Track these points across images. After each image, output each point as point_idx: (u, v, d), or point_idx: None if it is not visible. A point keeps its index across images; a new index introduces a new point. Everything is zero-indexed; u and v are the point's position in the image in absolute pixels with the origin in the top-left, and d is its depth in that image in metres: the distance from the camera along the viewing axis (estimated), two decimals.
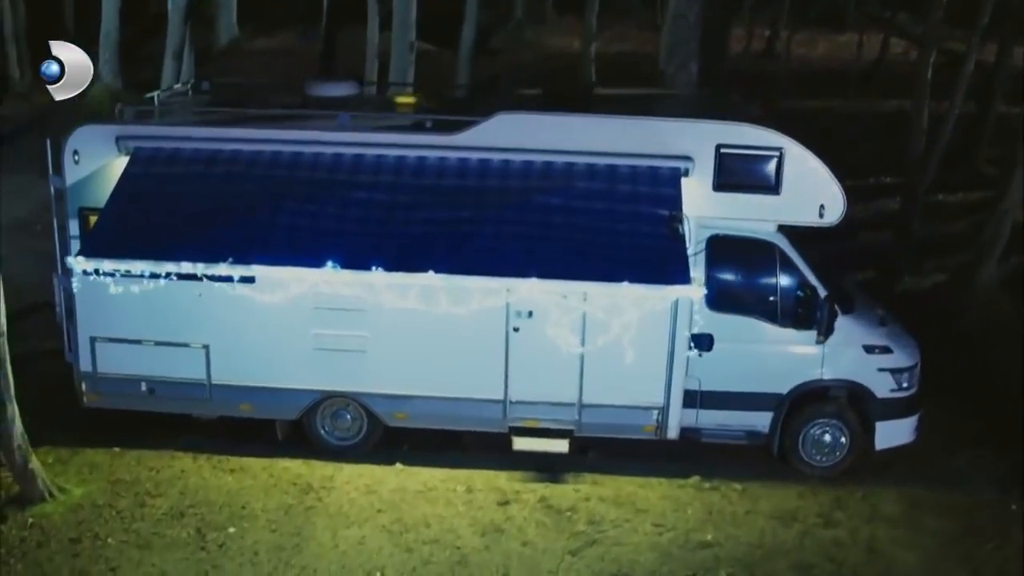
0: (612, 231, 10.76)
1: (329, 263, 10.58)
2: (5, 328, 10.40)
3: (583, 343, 11.50)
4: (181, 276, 10.97)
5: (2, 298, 10.40)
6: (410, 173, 11.36)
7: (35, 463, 10.84)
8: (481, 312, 11.36)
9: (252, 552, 10.42)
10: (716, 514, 11.33)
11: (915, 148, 17.37)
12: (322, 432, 12.11)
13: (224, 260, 10.58)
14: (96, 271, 11.09)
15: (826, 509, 11.51)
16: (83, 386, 11.89)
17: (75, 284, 11.50)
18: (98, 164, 11.55)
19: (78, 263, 10.73)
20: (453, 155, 11.44)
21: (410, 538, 10.75)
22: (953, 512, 11.49)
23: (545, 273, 10.45)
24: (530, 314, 11.47)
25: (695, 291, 10.83)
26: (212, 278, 11.09)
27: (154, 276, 11.11)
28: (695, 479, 11.92)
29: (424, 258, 10.56)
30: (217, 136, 11.59)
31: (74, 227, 11.64)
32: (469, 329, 11.42)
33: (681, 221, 10.78)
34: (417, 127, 11.63)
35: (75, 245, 11.56)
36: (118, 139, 11.51)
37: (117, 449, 12.07)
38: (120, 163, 11.53)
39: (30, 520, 10.65)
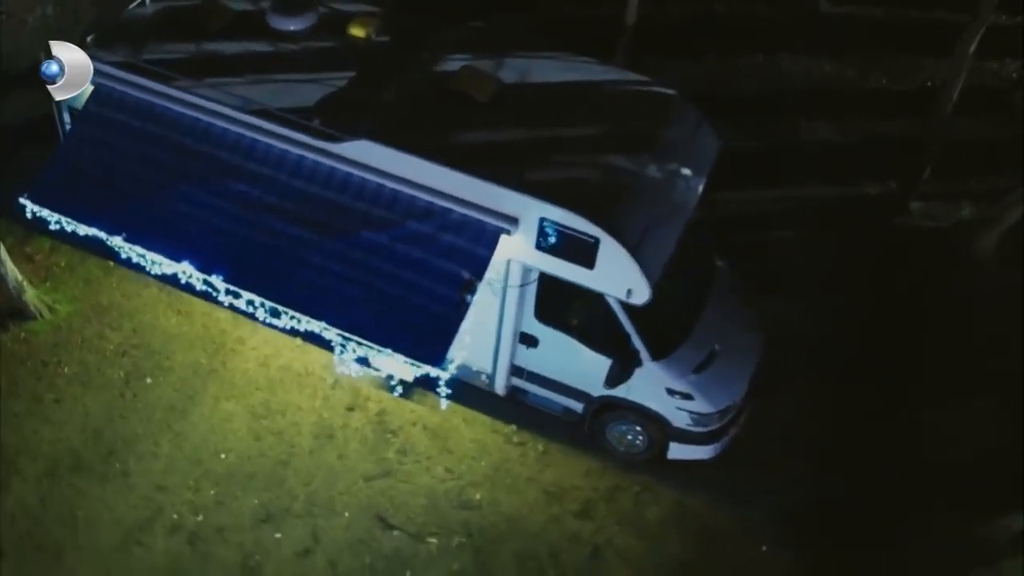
0: (413, 286, 12.19)
1: (186, 262, 12.77)
2: None
3: None
4: None
5: None
6: (288, 171, 12.75)
7: (29, 294, 14.59)
8: None
9: (153, 408, 13.99)
10: (502, 472, 13.52)
11: None
12: None
13: (121, 235, 12.98)
14: None
15: (597, 496, 13.33)
16: None
17: None
18: None
19: (27, 203, 13.44)
20: (327, 162, 12.62)
21: (264, 425, 13.91)
22: (701, 541, 12.93)
23: (334, 323, 12.28)
24: None
25: (444, 375, 12.43)
26: None
27: None
28: (511, 428, 13.91)
29: (255, 279, 12.60)
30: (154, 89, 13.17)
31: (67, 118, 14.14)
32: None
33: (473, 289, 11.94)
34: (304, 127, 12.61)
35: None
36: None
37: (112, 264, 15.49)
38: (89, 89, 13.42)
39: (23, 335, 14.59)
